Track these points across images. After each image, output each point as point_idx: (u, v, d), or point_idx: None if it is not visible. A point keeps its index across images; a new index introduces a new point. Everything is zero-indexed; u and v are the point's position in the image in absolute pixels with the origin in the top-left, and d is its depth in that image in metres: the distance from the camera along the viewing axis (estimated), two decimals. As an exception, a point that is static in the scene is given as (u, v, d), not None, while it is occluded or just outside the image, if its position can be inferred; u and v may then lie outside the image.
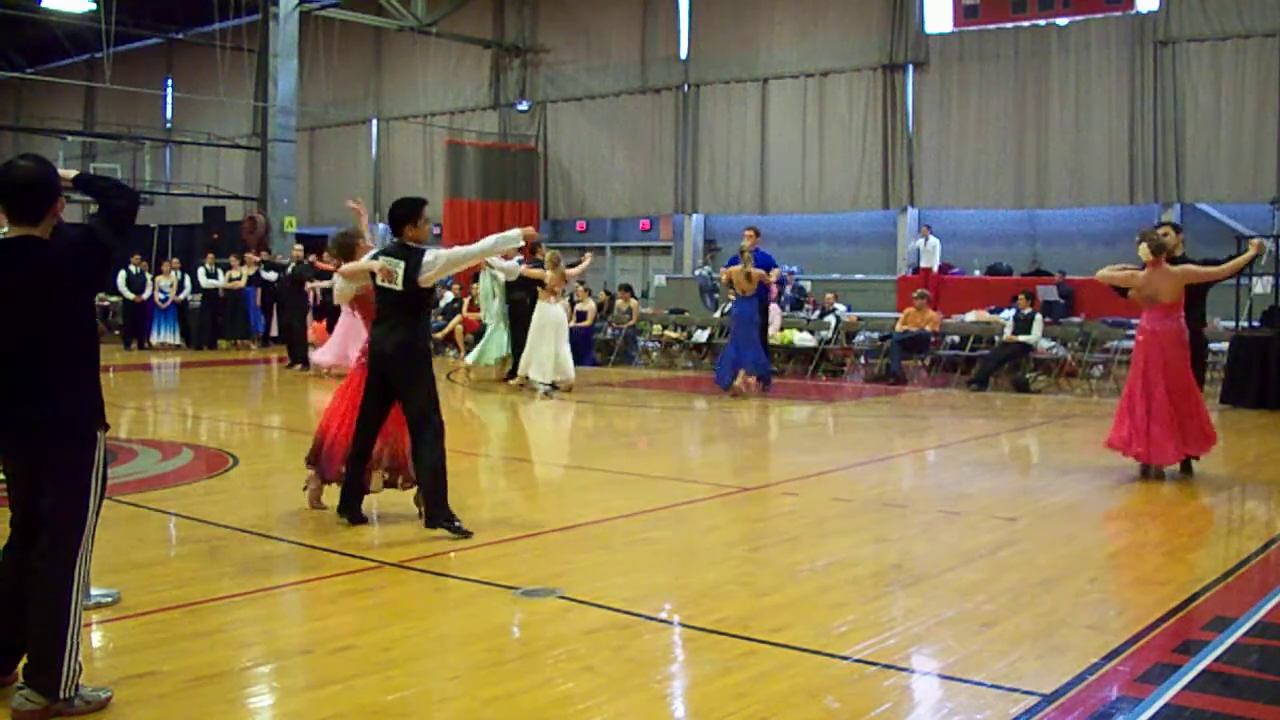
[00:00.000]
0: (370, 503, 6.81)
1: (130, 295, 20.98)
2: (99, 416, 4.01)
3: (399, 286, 6.42)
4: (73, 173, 4.33)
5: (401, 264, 6.42)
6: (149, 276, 21.34)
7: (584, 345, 19.04)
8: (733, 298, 14.51)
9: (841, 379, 17.10)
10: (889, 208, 22.03)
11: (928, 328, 16.39)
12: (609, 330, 19.61)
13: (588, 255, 16.00)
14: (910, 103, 21.90)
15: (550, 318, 14.09)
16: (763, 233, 14.92)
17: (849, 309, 19.17)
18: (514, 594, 5.31)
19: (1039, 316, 15.58)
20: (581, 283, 20.71)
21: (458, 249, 6.72)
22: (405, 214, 6.58)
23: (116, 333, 22.18)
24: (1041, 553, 6.36)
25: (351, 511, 6.61)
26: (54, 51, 31.72)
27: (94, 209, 4.18)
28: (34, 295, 3.85)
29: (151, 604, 5.05)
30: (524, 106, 26.93)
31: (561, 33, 26.42)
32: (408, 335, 6.46)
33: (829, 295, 18.84)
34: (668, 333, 19.79)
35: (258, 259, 21.44)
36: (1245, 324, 14.17)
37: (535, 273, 14.16)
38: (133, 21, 26.08)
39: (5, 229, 3.92)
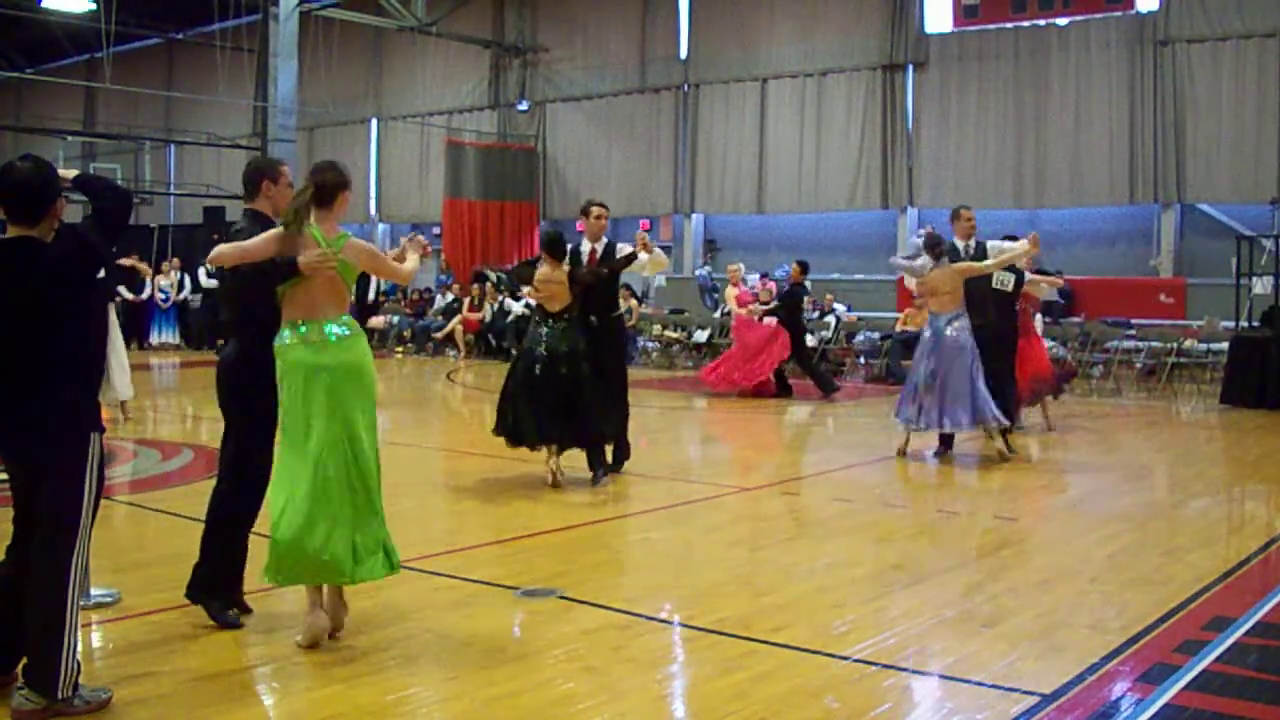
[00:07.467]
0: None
1: (130, 295, 20.96)
2: (95, 417, 4.00)
3: None
4: (73, 173, 4.35)
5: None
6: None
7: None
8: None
9: (841, 379, 17.09)
10: (888, 207, 21.98)
11: (927, 328, 16.36)
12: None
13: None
14: (910, 103, 21.84)
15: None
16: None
17: (849, 309, 19.15)
18: (514, 594, 5.31)
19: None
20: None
21: None
22: None
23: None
24: (1041, 553, 6.37)
25: None
26: (54, 51, 31.64)
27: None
28: (31, 296, 3.85)
29: (151, 604, 5.05)
30: (523, 106, 26.89)
31: (561, 33, 26.38)
32: None
33: (829, 295, 18.82)
34: (668, 333, 19.79)
35: None
36: (1245, 324, 14.16)
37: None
38: (133, 21, 26.03)
39: None
